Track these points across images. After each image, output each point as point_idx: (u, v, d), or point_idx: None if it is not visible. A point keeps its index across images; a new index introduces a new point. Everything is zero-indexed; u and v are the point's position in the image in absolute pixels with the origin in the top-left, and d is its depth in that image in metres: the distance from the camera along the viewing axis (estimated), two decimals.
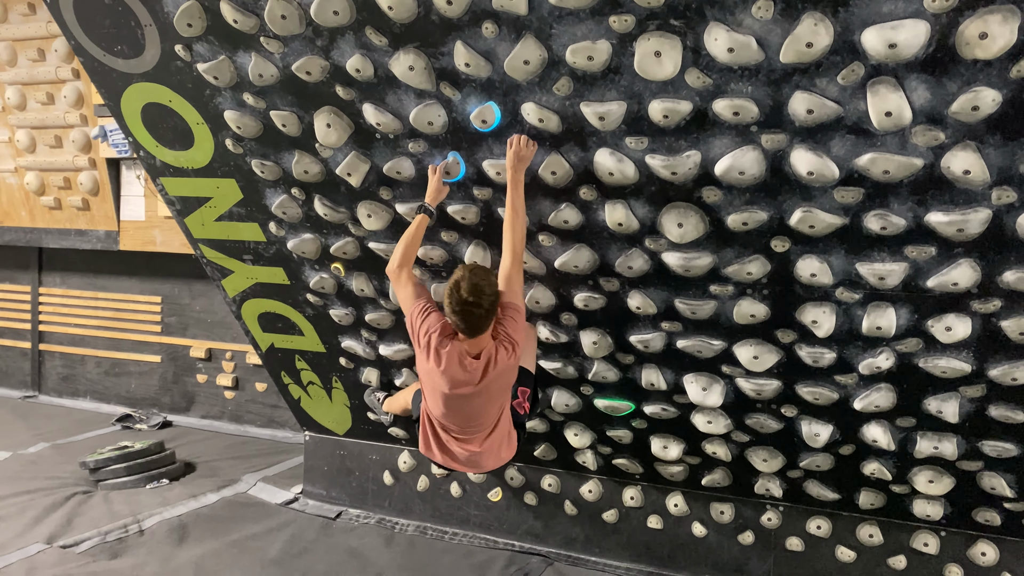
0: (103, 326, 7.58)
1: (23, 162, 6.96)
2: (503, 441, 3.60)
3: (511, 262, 3.34)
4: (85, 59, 3.86)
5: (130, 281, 7.37)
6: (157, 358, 7.35)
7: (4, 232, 7.39)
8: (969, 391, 3.42)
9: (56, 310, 7.82)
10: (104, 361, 7.63)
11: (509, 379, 3.39)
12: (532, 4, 2.92)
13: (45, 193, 6.98)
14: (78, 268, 7.66)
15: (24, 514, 4.91)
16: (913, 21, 2.53)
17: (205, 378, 7.16)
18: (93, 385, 7.71)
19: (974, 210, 2.87)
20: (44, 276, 7.87)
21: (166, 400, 7.35)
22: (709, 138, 3.05)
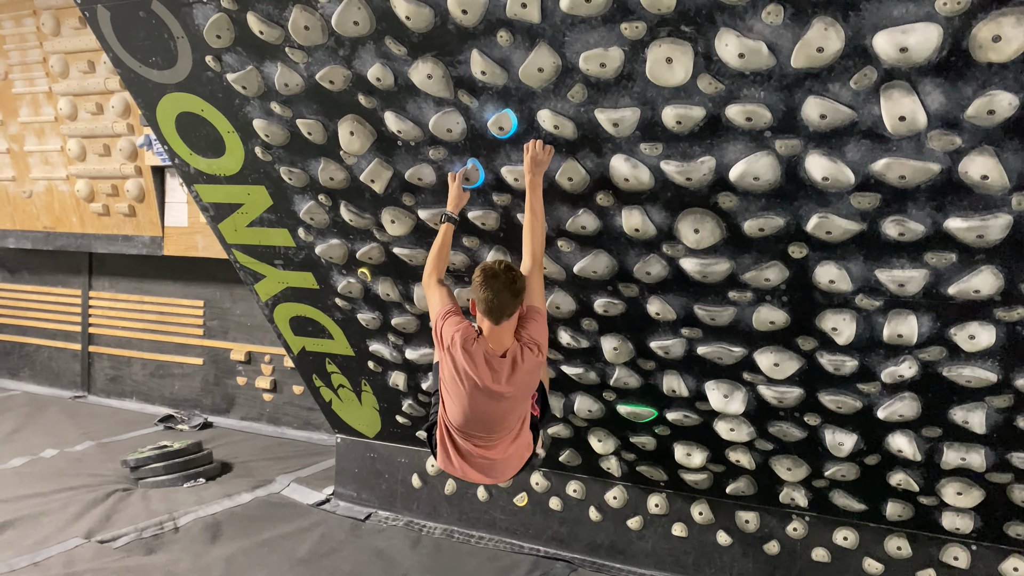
0: (148, 329, 7.80)
1: (74, 170, 7.22)
2: (522, 449, 3.59)
3: (531, 265, 3.36)
4: (122, 70, 4.01)
5: (174, 285, 7.58)
6: (199, 361, 7.54)
7: (57, 237, 7.66)
8: (996, 401, 3.34)
9: (105, 313, 8.08)
10: (149, 363, 7.85)
11: (534, 381, 3.37)
12: (545, 12, 2.96)
13: (94, 200, 7.22)
14: (125, 273, 7.90)
15: (66, 509, 5.09)
16: (924, 24, 2.50)
17: (245, 380, 7.33)
18: (139, 386, 7.95)
19: (994, 216, 2.81)
20: (94, 280, 8.14)
21: (207, 402, 7.53)
22: (723, 144, 3.04)
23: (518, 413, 3.45)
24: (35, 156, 7.44)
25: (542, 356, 3.32)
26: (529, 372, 3.28)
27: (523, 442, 3.58)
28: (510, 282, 3.16)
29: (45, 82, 7.12)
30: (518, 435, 3.54)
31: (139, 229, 7.16)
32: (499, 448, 3.49)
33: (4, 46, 7.30)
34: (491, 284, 3.16)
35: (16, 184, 7.66)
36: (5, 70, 7.37)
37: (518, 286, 3.19)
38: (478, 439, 3.45)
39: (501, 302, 3.18)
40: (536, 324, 3.32)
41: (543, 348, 3.32)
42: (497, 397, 3.29)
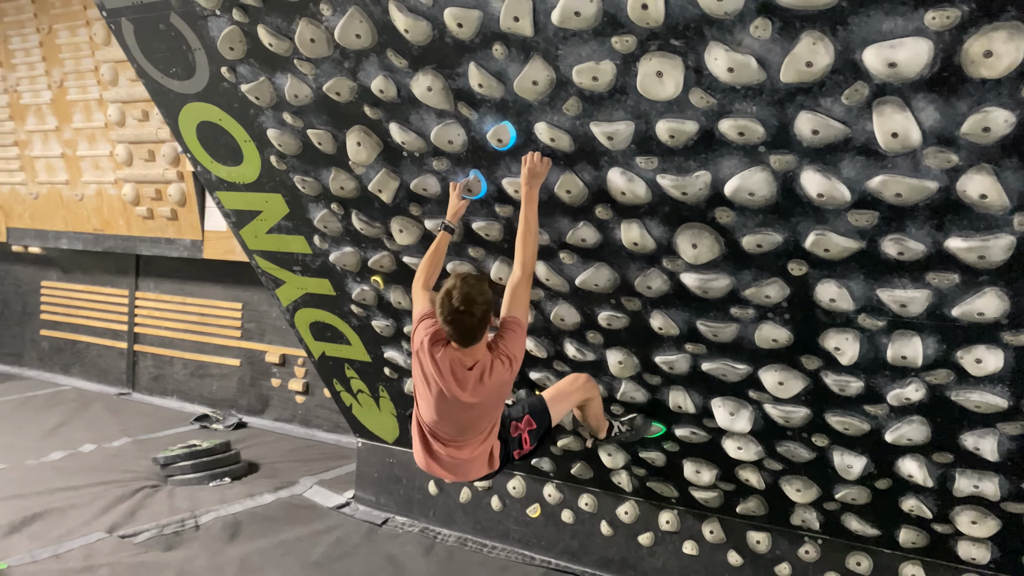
0: (189, 330, 8.02)
1: (121, 174, 7.47)
2: (491, 452, 3.56)
3: (520, 276, 3.35)
4: (146, 80, 4.15)
5: (214, 288, 7.78)
6: (236, 362, 7.72)
7: (105, 239, 7.94)
8: (1007, 428, 3.21)
9: (149, 313, 8.33)
10: (190, 363, 8.07)
11: (503, 392, 3.37)
12: (538, 26, 2.96)
13: (139, 203, 7.47)
14: (169, 274, 8.15)
15: (94, 503, 5.27)
16: (914, 39, 2.43)
17: (279, 382, 7.47)
18: (179, 385, 8.17)
19: (995, 236, 2.71)
20: (140, 281, 8.41)
21: (243, 402, 7.70)
22: (718, 158, 3.00)
23: (488, 419, 3.44)
24: (86, 161, 7.73)
25: (513, 370, 3.29)
26: (498, 385, 3.28)
27: (491, 445, 3.54)
28: (469, 314, 3.12)
29: (96, 89, 7.40)
30: (486, 438, 3.51)
31: (181, 232, 7.37)
32: (467, 449, 3.49)
33: (60, 55, 7.62)
34: (452, 321, 3.16)
35: (69, 187, 7.97)
36: (61, 78, 7.68)
37: (478, 315, 3.14)
38: (447, 439, 3.47)
39: (463, 333, 3.19)
40: (513, 336, 3.30)
41: (515, 362, 3.29)
42: (464, 406, 3.31)
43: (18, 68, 7.94)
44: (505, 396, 3.43)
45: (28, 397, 8.22)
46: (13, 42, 7.93)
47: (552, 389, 3.85)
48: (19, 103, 8.06)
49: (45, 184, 8.13)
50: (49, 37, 7.64)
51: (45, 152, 7.99)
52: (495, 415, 3.49)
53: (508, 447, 3.66)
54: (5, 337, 9.60)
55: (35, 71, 7.83)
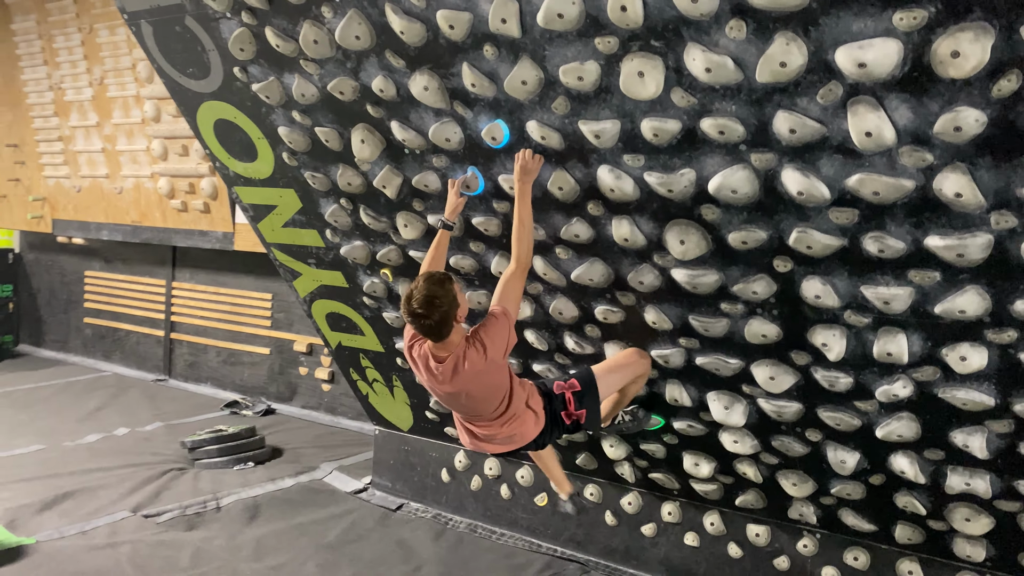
0: (222, 319, 8.27)
1: (157, 168, 7.73)
2: (525, 419, 3.59)
3: (513, 269, 3.43)
4: (166, 80, 4.32)
5: (246, 278, 8.01)
6: (266, 350, 7.95)
7: (143, 231, 8.22)
8: (996, 426, 3.22)
9: (185, 303, 8.61)
10: (223, 351, 8.33)
11: (491, 379, 3.39)
12: (525, 27, 3.04)
13: (174, 197, 7.71)
14: (203, 265, 8.41)
15: (122, 484, 5.51)
16: (883, 40, 2.46)
17: (306, 371, 7.68)
18: (213, 372, 8.44)
19: (972, 235, 2.72)
20: (176, 271, 8.69)
21: (272, 389, 7.93)
22: (701, 156, 3.05)
23: (493, 399, 3.45)
24: (125, 155, 8.00)
25: (488, 357, 3.31)
26: (476, 374, 3.32)
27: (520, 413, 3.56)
28: (426, 316, 3.20)
29: (134, 86, 7.66)
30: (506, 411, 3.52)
31: (213, 225, 7.60)
32: (495, 426, 3.56)
33: (100, 53, 7.90)
34: (412, 321, 3.26)
35: (109, 181, 8.26)
36: (101, 75, 7.96)
37: (435, 319, 3.21)
38: (472, 419, 3.59)
39: (424, 332, 3.28)
40: (494, 325, 3.34)
41: (491, 350, 3.30)
42: (454, 395, 3.41)
43: (62, 66, 8.25)
44: (496, 381, 3.41)
45: (70, 382, 8.56)
46: (58, 41, 8.24)
47: (604, 362, 3.89)
48: (63, 100, 8.37)
49: (87, 178, 8.44)
50: (90, 36, 7.93)
51: (87, 147, 8.29)
52: (500, 393, 3.46)
53: (553, 404, 3.68)
54: (52, 324, 10.00)
55: (77, 69, 8.13)
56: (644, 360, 3.84)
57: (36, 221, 9.11)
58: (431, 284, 3.24)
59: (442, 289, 3.23)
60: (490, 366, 3.33)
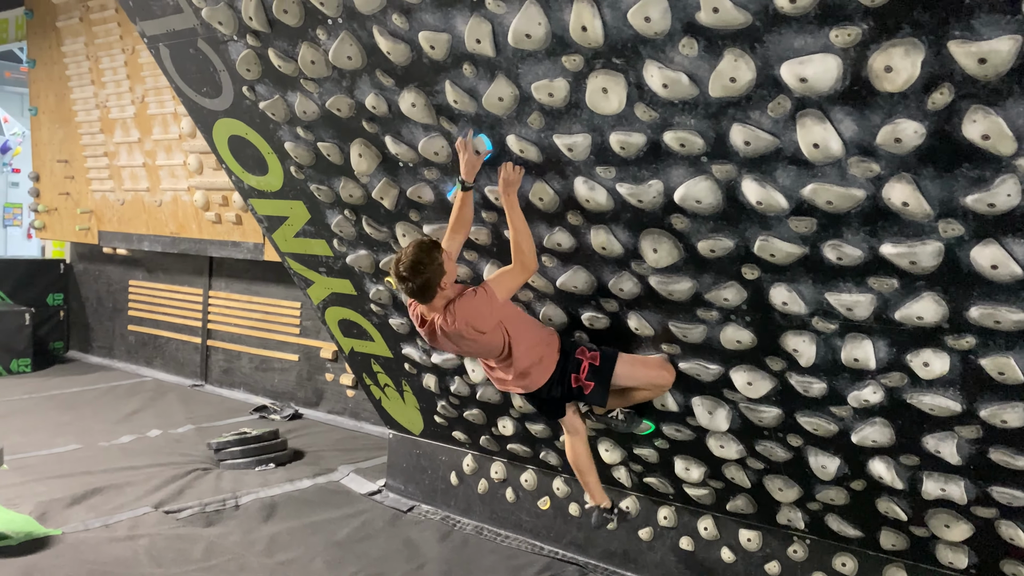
0: (254, 326, 8.59)
1: (193, 182, 8.09)
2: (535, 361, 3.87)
3: (513, 267, 3.66)
4: (183, 99, 4.60)
5: (276, 288, 8.31)
6: (295, 357, 8.23)
7: (180, 242, 8.60)
8: (964, 431, 3.26)
9: (220, 311, 8.95)
10: (255, 358, 8.64)
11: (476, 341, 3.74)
12: (498, 47, 3.21)
13: (209, 209, 8.06)
14: (237, 275, 8.74)
15: (148, 482, 5.79)
16: (822, 56, 2.56)
17: (331, 377, 7.93)
18: (246, 378, 8.75)
19: (923, 242, 2.80)
20: (213, 281, 9.04)
21: (300, 395, 8.20)
22: (667, 168, 3.18)
23: (492, 343, 3.78)
24: (164, 169, 8.39)
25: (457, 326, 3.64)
26: (457, 333, 3.68)
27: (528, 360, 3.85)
28: (411, 279, 3.56)
29: (172, 104, 8.04)
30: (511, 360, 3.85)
31: (244, 236, 7.92)
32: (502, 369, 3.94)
33: (142, 73, 8.31)
34: (399, 282, 3.62)
35: (150, 194, 8.67)
36: (142, 94, 8.38)
37: (418, 284, 3.57)
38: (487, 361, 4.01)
39: (410, 293, 3.64)
40: (471, 298, 3.63)
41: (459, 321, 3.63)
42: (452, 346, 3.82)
43: (107, 86, 8.70)
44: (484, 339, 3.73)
45: (113, 386, 8.96)
46: (103, 62, 8.70)
47: (632, 355, 3.97)
48: (108, 117, 8.82)
49: (130, 191, 8.86)
50: (133, 57, 8.35)
51: (130, 162, 8.71)
52: (494, 349, 3.82)
53: (567, 363, 3.89)
54: (98, 332, 10.46)
55: (121, 88, 8.57)
56: (668, 374, 3.89)
57: (84, 233, 9.58)
58: (418, 250, 3.56)
59: (428, 256, 3.55)
60: (463, 330, 3.65)
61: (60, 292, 10.62)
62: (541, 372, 3.91)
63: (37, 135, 9.99)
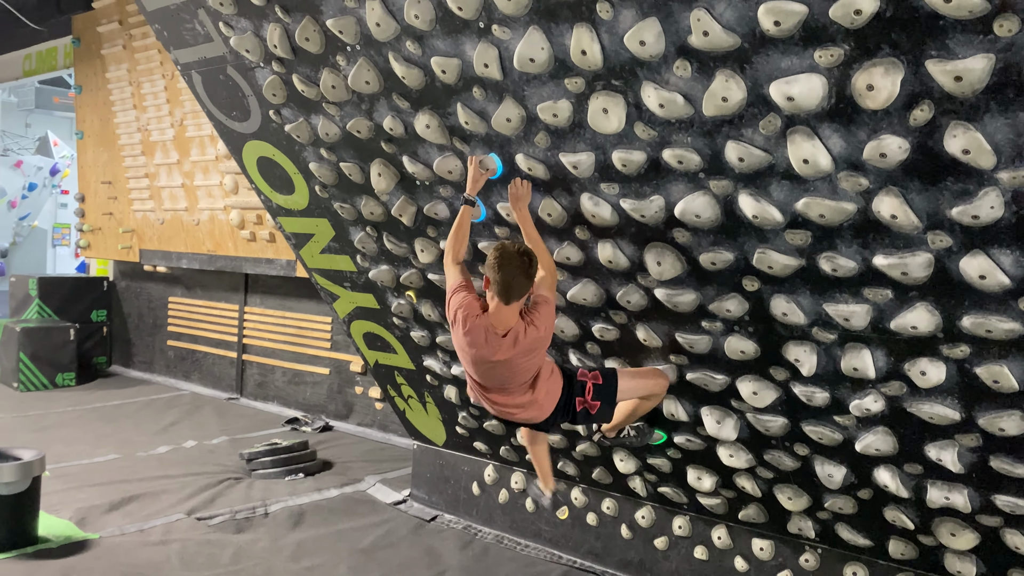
0: (288, 341, 8.83)
1: (229, 201, 8.38)
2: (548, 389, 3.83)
3: (543, 275, 3.67)
4: (214, 122, 4.84)
5: (308, 303, 8.54)
6: (326, 371, 8.44)
7: (217, 259, 8.88)
8: (964, 440, 3.31)
9: (255, 326, 9.21)
10: (288, 371, 8.87)
11: (538, 349, 3.65)
12: (505, 71, 3.37)
13: (244, 227, 8.33)
14: (271, 291, 9.00)
15: (183, 491, 6.01)
16: (807, 75, 2.68)
17: (361, 390, 8.12)
18: (279, 391, 8.99)
19: (913, 254, 2.88)
20: (248, 297, 9.31)
21: (331, 407, 8.41)
22: (667, 184, 3.30)
23: (527, 370, 3.70)
24: (201, 190, 8.70)
25: (545, 332, 3.60)
26: (531, 344, 3.58)
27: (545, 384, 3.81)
28: (525, 266, 3.47)
29: (208, 127, 8.34)
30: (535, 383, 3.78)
31: (278, 253, 8.17)
32: (515, 396, 3.80)
33: (180, 97, 8.64)
34: (506, 266, 3.47)
35: (188, 213, 8.98)
36: (181, 117, 8.71)
37: (532, 269, 3.51)
38: (493, 389, 3.82)
39: (515, 284, 3.49)
40: (544, 307, 3.61)
41: (544, 328, 3.59)
42: (499, 364, 3.64)
43: (148, 110, 9.06)
44: (541, 351, 3.69)
45: (152, 400, 9.26)
46: (145, 87, 9.06)
47: (628, 368, 4.11)
48: (149, 140, 9.17)
49: (169, 211, 9.18)
50: (172, 81, 8.69)
51: (169, 183, 9.04)
52: (535, 364, 3.73)
53: (571, 389, 3.91)
54: (140, 347, 10.80)
55: (161, 112, 8.91)
56: (664, 381, 4.02)
57: (126, 251, 9.93)
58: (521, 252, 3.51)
59: (531, 257, 3.53)
60: (542, 342, 3.62)
61: (104, 309, 10.99)
62: (550, 401, 3.88)
63: (83, 158, 10.41)
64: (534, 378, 3.79)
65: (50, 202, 18.73)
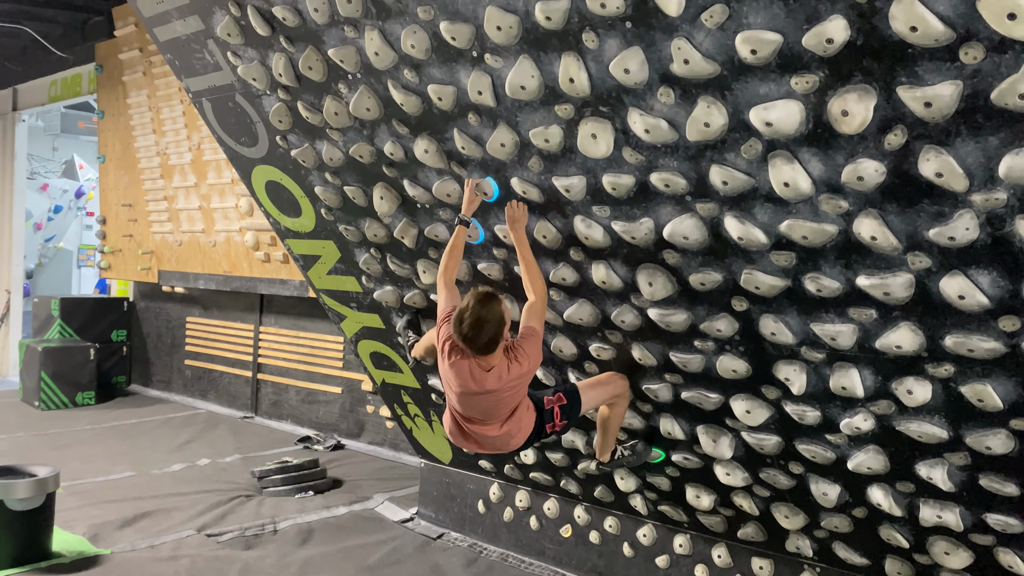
0: (301, 360, 8.95)
1: (244, 223, 8.55)
2: (522, 423, 3.90)
3: (533, 300, 3.79)
4: (224, 148, 4.98)
5: (321, 323, 8.67)
6: (338, 390, 8.55)
7: (233, 280, 9.05)
8: (953, 458, 3.34)
9: (270, 345, 9.36)
10: (301, 390, 8.99)
11: (522, 384, 3.73)
12: (498, 98, 3.48)
13: (259, 249, 8.49)
14: (285, 311, 9.14)
15: (194, 507, 6.12)
16: (785, 101, 2.76)
17: (372, 409, 8.22)
18: (293, 410, 9.11)
19: (894, 274, 2.94)
20: (263, 317, 9.46)
21: (343, 426, 8.50)
22: (656, 206, 3.38)
23: (510, 403, 3.79)
24: (218, 212, 8.88)
25: (531, 367, 3.69)
26: (517, 377, 3.67)
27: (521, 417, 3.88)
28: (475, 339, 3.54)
29: None
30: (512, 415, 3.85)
31: (291, 274, 8.31)
32: (494, 427, 3.86)
33: (198, 121, 8.85)
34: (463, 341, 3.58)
35: (205, 235, 9.16)
36: (199, 141, 8.91)
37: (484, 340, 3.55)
38: (475, 420, 3.87)
39: (474, 350, 3.61)
40: (530, 340, 3.70)
41: (531, 361, 3.68)
42: (483, 396, 3.72)
43: (167, 134, 9.28)
44: (524, 385, 3.78)
45: (169, 418, 9.40)
46: (164, 112, 9.29)
47: (586, 379, 4.22)
48: (167, 164, 9.38)
49: (187, 232, 9.37)
50: (190, 107, 8.90)
51: (187, 205, 9.24)
52: (518, 398, 3.81)
53: (543, 418, 3.99)
54: (158, 366, 10.98)
55: (179, 136, 9.13)
56: (622, 381, 4.14)
57: (145, 272, 10.13)
58: (484, 304, 3.55)
59: (493, 309, 3.55)
60: (526, 377, 3.71)
61: (124, 329, 11.19)
62: (522, 435, 3.95)
63: (104, 181, 10.65)
64: (512, 412, 3.86)
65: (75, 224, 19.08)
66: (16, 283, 12.96)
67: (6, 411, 9.67)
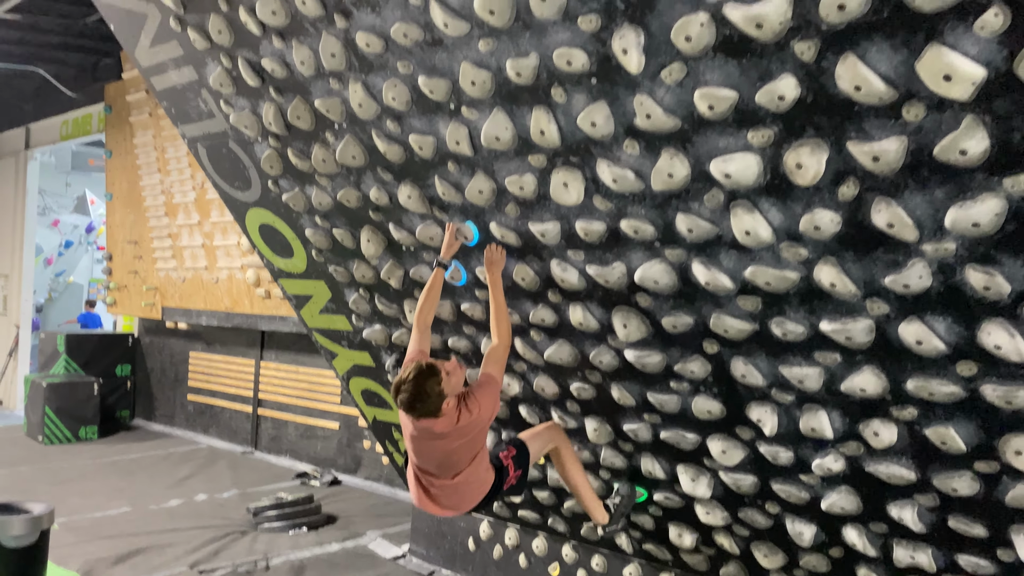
0: (300, 395, 9.04)
1: (245, 261, 8.69)
2: (480, 479, 3.91)
3: (496, 344, 3.86)
4: (219, 191, 5.12)
5: (319, 359, 8.76)
6: (336, 425, 8.62)
7: (234, 317, 9.18)
8: (922, 499, 3.39)
9: (270, 381, 9.46)
10: (300, 426, 9.07)
11: (475, 433, 3.72)
12: (475, 147, 3.60)
13: (259, 285, 8.63)
14: (286, 347, 9.25)
15: (188, 543, 6.18)
16: (742, 154, 2.86)
17: (369, 444, 8.28)
18: (292, 445, 9.18)
19: (854, 320, 3.02)
20: (264, 352, 9.57)
21: (341, 461, 8.56)
22: (627, 251, 3.48)
23: (466, 454, 3.79)
24: (220, 249, 9.04)
25: (480, 416, 3.69)
26: (466, 426, 3.67)
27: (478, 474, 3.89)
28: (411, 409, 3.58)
29: None
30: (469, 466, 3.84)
31: (291, 311, 8.42)
32: (446, 479, 3.86)
33: None
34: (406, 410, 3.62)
35: (207, 272, 9.31)
36: (202, 180, 9.10)
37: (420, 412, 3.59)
38: (433, 473, 3.88)
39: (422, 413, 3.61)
40: (484, 388, 3.73)
41: (484, 409, 3.69)
42: (434, 441, 3.71)
43: (171, 173, 9.48)
44: (480, 435, 3.78)
45: (169, 452, 9.49)
46: (168, 152, 9.50)
47: (527, 431, 4.33)
48: (172, 202, 9.57)
49: (190, 269, 9.53)
50: None
51: (190, 243, 9.41)
52: (473, 449, 3.81)
53: (501, 476, 4.02)
54: (161, 401, 11.09)
55: (184, 175, 9.32)
56: (557, 430, 4.35)
57: (149, 308, 10.28)
58: (422, 377, 3.54)
59: (430, 383, 3.54)
60: (477, 424, 3.70)
61: (128, 364, 11.33)
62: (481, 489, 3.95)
63: (111, 218, 10.85)
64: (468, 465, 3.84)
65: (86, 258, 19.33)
66: (25, 318, 13.15)
67: (9, 446, 9.78)
